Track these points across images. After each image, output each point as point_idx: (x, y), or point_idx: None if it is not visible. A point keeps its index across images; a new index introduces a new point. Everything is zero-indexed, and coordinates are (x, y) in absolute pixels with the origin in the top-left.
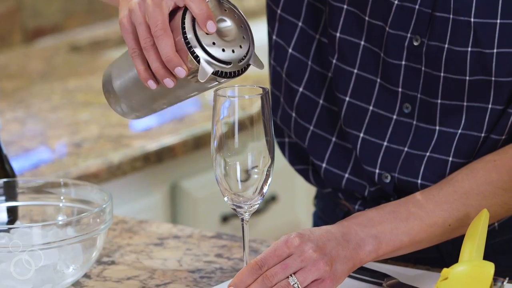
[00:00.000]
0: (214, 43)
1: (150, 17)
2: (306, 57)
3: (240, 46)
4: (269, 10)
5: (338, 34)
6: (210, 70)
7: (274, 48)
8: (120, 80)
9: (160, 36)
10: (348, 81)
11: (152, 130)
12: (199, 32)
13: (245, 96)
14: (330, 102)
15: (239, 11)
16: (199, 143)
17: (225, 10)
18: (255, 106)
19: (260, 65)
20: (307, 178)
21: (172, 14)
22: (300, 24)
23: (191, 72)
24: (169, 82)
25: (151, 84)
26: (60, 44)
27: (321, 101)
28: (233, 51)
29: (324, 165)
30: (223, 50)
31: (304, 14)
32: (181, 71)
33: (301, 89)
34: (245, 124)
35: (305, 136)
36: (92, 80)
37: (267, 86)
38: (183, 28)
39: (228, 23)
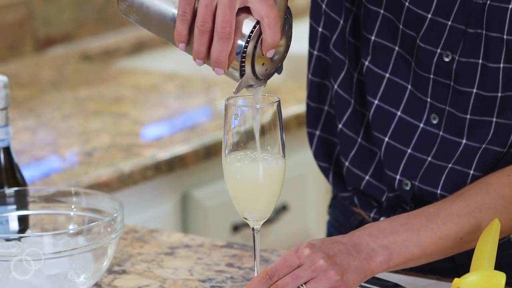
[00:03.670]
0: (263, 64)
1: (221, 12)
2: (344, 56)
3: (279, 65)
4: (314, 3)
5: (373, 37)
6: (246, 85)
7: (320, 40)
8: (145, 4)
9: (223, 39)
10: (379, 85)
11: (163, 139)
12: (257, 50)
13: (256, 106)
14: (360, 104)
15: (291, 27)
16: (210, 152)
17: (285, 28)
18: (267, 115)
19: (280, 70)
20: (327, 178)
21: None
22: (341, 22)
23: (228, 71)
24: (199, 63)
25: (182, 46)
26: (71, 53)
27: (352, 101)
28: (272, 69)
29: (347, 163)
30: (266, 70)
31: (344, 15)
32: (220, 72)
33: (336, 87)
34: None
35: (334, 133)
36: (103, 89)
37: (277, 94)
38: (247, 41)
39: (281, 47)
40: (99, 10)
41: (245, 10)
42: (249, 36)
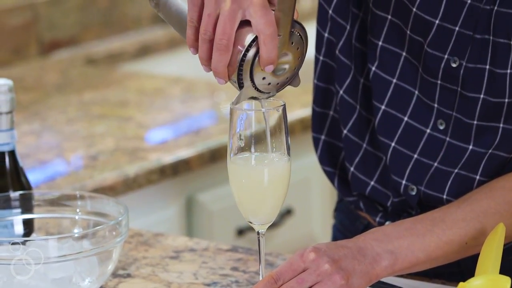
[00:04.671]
0: (264, 78)
1: (221, 23)
2: (350, 62)
3: (287, 78)
4: (321, 9)
5: (380, 43)
6: (246, 97)
7: (326, 45)
8: (168, 2)
9: (220, 50)
10: (386, 90)
11: (168, 143)
12: (255, 64)
13: (262, 110)
14: (366, 110)
15: (305, 40)
16: (215, 156)
17: (292, 43)
18: (272, 119)
19: (296, 83)
20: (332, 182)
21: (241, 22)
22: (348, 27)
23: (231, 81)
24: (206, 69)
25: (192, 50)
26: (76, 56)
27: (358, 107)
28: (278, 83)
29: (352, 169)
30: (269, 83)
31: (350, 20)
32: (221, 81)
33: (341, 92)
34: (262, 138)
35: (339, 138)
36: (108, 92)
37: (282, 97)
38: (245, 54)
39: (286, 62)
40: (103, 14)
41: (249, 22)
42: (247, 50)
